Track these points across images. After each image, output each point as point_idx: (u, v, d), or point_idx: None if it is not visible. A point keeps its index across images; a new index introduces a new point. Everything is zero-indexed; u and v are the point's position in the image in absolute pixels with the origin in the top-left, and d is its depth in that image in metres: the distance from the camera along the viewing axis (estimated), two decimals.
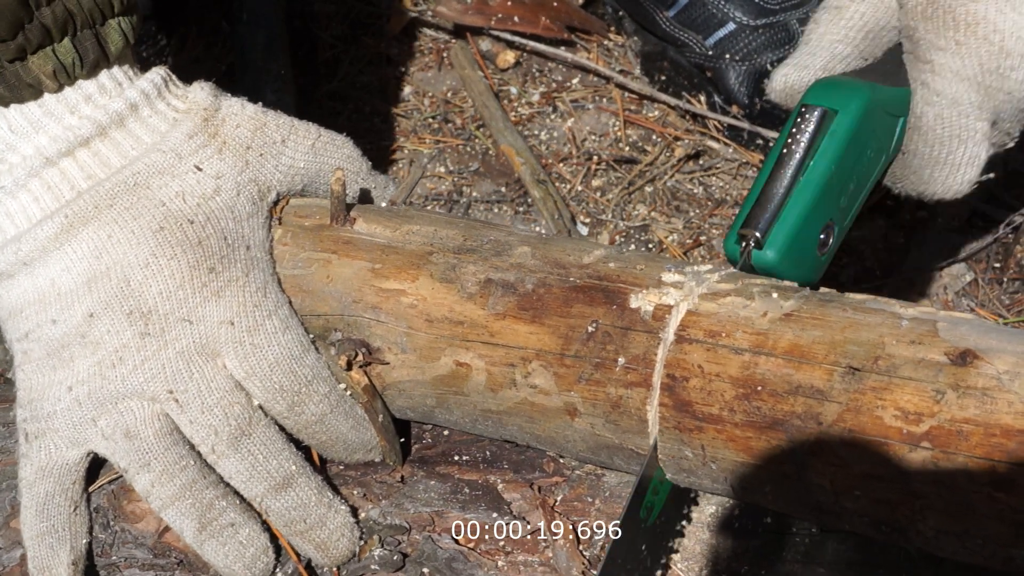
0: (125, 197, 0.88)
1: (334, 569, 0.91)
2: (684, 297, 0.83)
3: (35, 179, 0.87)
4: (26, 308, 0.88)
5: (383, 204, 1.03)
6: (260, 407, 0.90)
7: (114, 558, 0.92)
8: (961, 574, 0.85)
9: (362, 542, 0.91)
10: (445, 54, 1.61)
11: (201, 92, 0.93)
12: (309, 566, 0.92)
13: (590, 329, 0.84)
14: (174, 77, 0.94)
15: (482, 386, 0.88)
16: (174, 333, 0.87)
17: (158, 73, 0.92)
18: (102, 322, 0.87)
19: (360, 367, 0.91)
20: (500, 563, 0.89)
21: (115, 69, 0.89)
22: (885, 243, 1.41)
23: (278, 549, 0.91)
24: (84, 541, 0.90)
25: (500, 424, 0.90)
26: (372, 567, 0.90)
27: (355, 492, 0.93)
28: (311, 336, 0.92)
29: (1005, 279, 1.38)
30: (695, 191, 1.46)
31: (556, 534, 0.90)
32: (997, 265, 1.39)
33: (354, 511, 0.92)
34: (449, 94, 1.58)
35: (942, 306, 1.36)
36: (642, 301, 0.84)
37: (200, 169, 0.90)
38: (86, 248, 0.87)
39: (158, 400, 0.87)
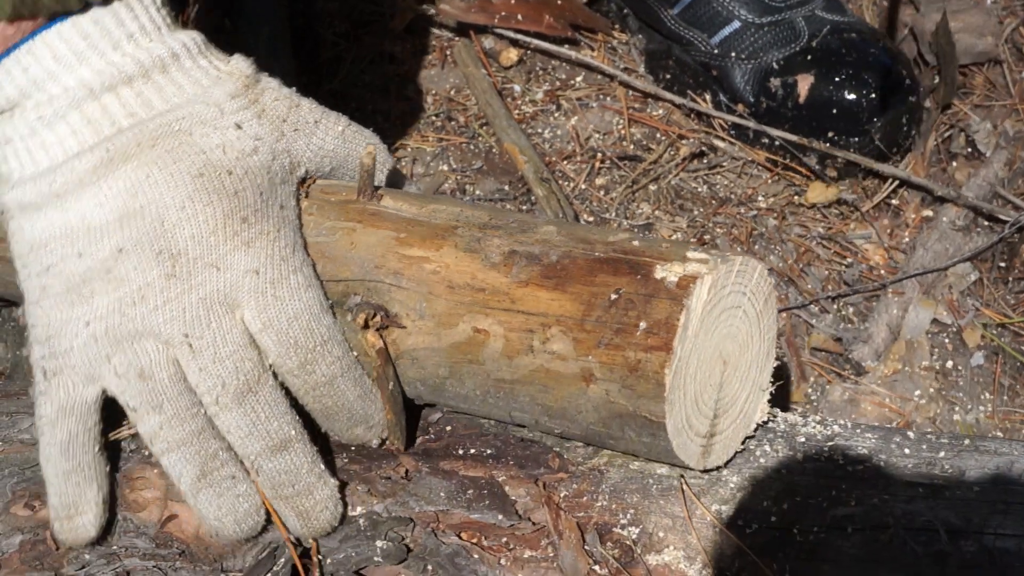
0: (167, 140, 0.88)
1: (312, 543, 0.90)
2: (710, 271, 0.84)
3: (75, 112, 0.87)
4: (51, 242, 0.88)
5: None
6: (271, 366, 0.89)
7: (114, 547, 0.91)
8: (964, 572, 0.85)
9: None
10: (448, 52, 1.61)
11: (243, 62, 0.94)
12: (304, 554, 0.91)
13: (613, 297, 0.84)
14: (212, 44, 0.95)
15: (498, 353, 0.88)
16: (200, 278, 0.87)
17: (197, 34, 0.93)
18: (130, 259, 0.87)
19: (376, 330, 0.91)
20: (503, 560, 0.89)
21: (154, 12, 0.90)
22: (890, 242, 1.41)
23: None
24: (109, 480, 0.91)
25: (511, 396, 0.89)
26: (375, 559, 0.90)
27: (359, 488, 0.93)
28: (330, 302, 0.92)
29: (1010, 279, 1.38)
30: (699, 189, 1.46)
31: (561, 533, 0.89)
32: (1002, 265, 1.39)
33: (343, 486, 0.92)
34: (452, 92, 1.58)
35: (947, 306, 1.36)
36: (667, 272, 0.84)
37: (240, 127, 0.90)
38: (123, 185, 0.87)
39: (172, 344, 0.87)
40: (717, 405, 0.88)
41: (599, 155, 1.48)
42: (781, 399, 1.20)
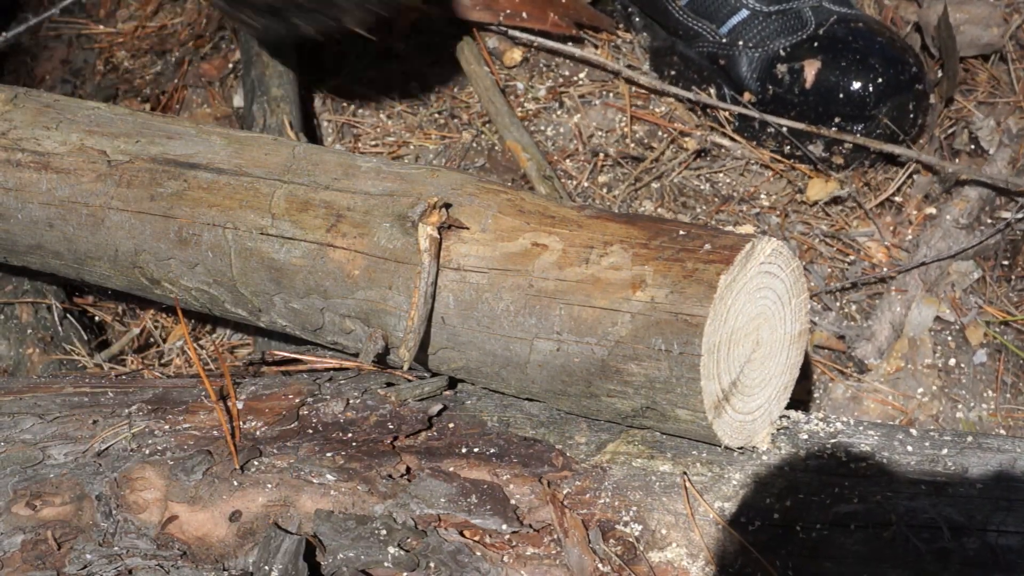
0: None
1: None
2: (776, 245, 0.91)
3: None
4: None
5: None
6: None
7: (116, 548, 0.91)
8: (967, 569, 0.85)
9: None
10: (452, 50, 1.61)
11: None
12: None
13: (681, 233, 0.91)
14: None
15: (550, 264, 0.92)
16: None
17: None
18: None
19: (437, 228, 0.94)
20: (505, 557, 0.89)
21: None
22: (893, 239, 1.41)
23: None
24: None
25: (544, 313, 0.91)
26: (386, 564, 0.90)
27: (359, 488, 0.93)
28: (395, 213, 0.96)
29: (1013, 277, 1.37)
30: (702, 187, 1.46)
31: (567, 531, 0.89)
32: (1005, 263, 1.38)
33: None
34: (455, 90, 1.57)
35: (950, 303, 1.36)
36: (737, 229, 0.89)
37: None
38: None
39: None
40: (741, 374, 0.90)
41: (601, 153, 1.48)
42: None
